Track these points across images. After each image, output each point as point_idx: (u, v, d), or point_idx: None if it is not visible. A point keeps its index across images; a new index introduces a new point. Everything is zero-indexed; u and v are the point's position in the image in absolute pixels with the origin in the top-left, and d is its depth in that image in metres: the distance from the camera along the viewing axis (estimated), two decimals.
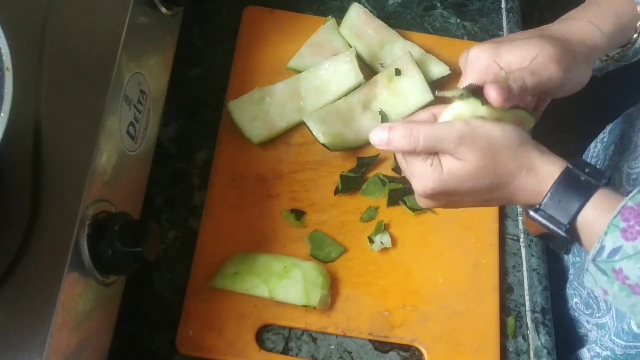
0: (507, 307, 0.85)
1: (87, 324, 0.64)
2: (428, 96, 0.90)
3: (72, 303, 0.59)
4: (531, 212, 0.63)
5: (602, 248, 0.58)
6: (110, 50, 0.64)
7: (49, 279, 0.57)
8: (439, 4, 1.03)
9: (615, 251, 0.58)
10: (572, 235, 0.61)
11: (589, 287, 0.63)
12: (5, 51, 0.52)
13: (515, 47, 0.67)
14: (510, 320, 0.84)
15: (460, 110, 0.65)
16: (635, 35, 0.72)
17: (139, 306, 0.80)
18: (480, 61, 0.68)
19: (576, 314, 0.90)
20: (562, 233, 0.61)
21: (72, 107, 0.62)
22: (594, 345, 0.83)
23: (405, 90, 0.91)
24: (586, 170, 0.62)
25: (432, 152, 0.64)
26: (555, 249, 0.66)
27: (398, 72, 0.90)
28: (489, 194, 0.65)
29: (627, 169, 0.80)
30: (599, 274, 0.59)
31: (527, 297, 0.86)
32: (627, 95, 0.90)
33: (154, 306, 0.81)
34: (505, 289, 0.86)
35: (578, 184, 0.61)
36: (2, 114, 0.51)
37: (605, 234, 0.58)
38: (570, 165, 0.62)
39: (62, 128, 0.61)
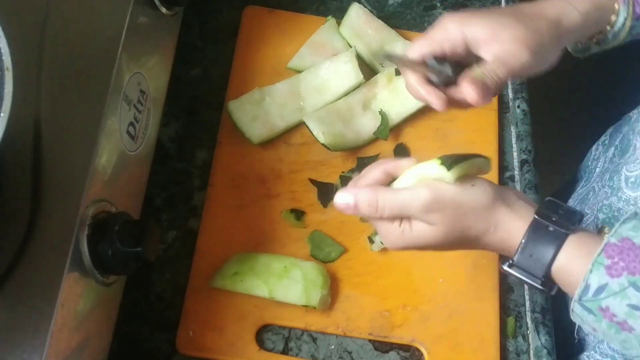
0: (507, 307, 0.85)
1: (87, 324, 0.64)
2: None
3: (72, 303, 0.59)
4: (505, 267, 0.63)
5: (587, 287, 0.58)
6: (110, 50, 0.64)
7: (49, 279, 0.57)
8: (439, 4, 1.03)
9: (601, 289, 0.57)
10: (550, 285, 0.62)
11: (578, 323, 0.63)
12: (5, 51, 0.52)
13: (486, 22, 0.68)
14: (510, 320, 0.84)
15: (422, 173, 0.65)
16: (613, 17, 0.72)
17: (139, 306, 0.80)
18: (447, 28, 0.68)
19: None
20: (538, 286, 0.62)
21: (72, 107, 0.62)
22: (592, 352, 0.82)
23: (405, 90, 0.90)
24: (554, 217, 0.61)
25: (398, 218, 0.65)
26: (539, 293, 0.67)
27: (398, 72, 0.91)
28: (460, 247, 0.66)
29: (626, 171, 0.80)
30: (586, 314, 0.59)
31: (527, 297, 0.85)
32: (629, 98, 0.90)
33: (154, 306, 0.81)
34: (505, 289, 0.86)
35: (547, 235, 0.61)
36: (2, 114, 0.51)
37: (590, 272, 0.58)
38: (537, 217, 0.62)
39: (62, 128, 0.61)
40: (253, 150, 0.89)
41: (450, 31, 0.68)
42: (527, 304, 0.85)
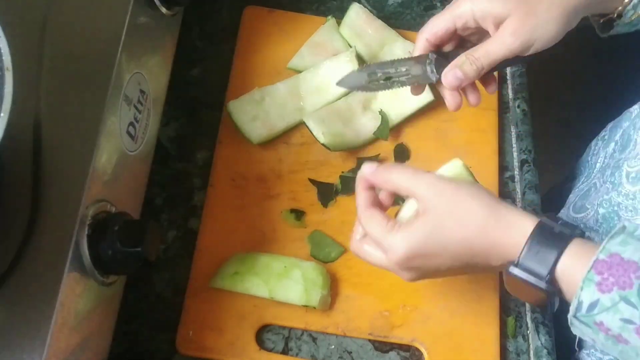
0: (507, 307, 0.85)
1: (87, 324, 0.64)
2: (428, 96, 0.90)
3: (72, 303, 0.59)
4: (510, 268, 0.63)
5: (580, 304, 0.59)
6: (110, 50, 0.64)
7: (49, 279, 0.57)
8: (439, 4, 1.03)
9: (593, 305, 0.58)
10: (553, 287, 0.62)
11: (578, 335, 0.63)
12: (5, 51, 0.52)
13: (493, 1, 0.72)
14: (510, 320, 0.84)
15: (409, 212, 0.69)
16: None
17: (139, 306, 0.80)
18: (458, 4, 0.73)
19: None
20: (543, 285, 0.62)
21: (72, 107, 0.62)
22: (592, 349, 0.83)
23: (405, 90, 0.90)
24: (559, 222, 0.63)
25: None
26: (541, 311, 0.67)
27: None
28: (464, 252, 0.65)
29: (627, 167, 0.80)
30: (583, 327, 0.60)
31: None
32: (629, 93, 0.90)
33: (154, 306, 0.81)
34: (505, 289, 0.86)
35: (553, 235, 0.62)
36: (2, 114, 0.51)
37: (582, 289, 0.58)
38: (543, 219, 0.63)
39: (62, 128, 0.61)
40: (253, 150, 0.89)
41: (462, 8, 0.73)
42: (527, 304, 0.85)
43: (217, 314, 0.79)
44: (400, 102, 0.91)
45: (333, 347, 0.81)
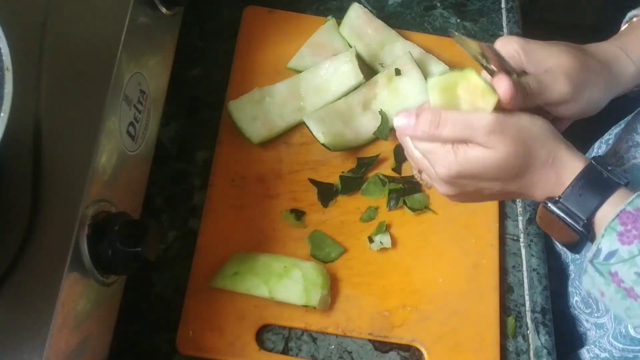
0: (507, 307, 0.85)
1: (87, 324, 0.64)
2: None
3: (72, 303, 0.59)
4: (550, 205, 0.62)
5: (598, 251, 0.59)
6: (110, 50, 0.64)
7: (49, 279, 0.57)
8: (439, 4, 1.03)
9: (611, 254, 0.58)
10: (588, 231, 0.61)
11: (587, 289, 0.63)
12: (5, 51, 0.52)
13: (540, 48, 0.67)
14: (510, 320, 0.84)
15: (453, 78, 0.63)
16: None
17: (139, 306, 0.80)
18: (507, 41, 0.67)
19: (576, 312, 0.90)
20: (579, 228, 0.61)
21: (72, 107, 0.62)
22: (592, 346, 0.83)
23: (405, 90, 0.91)
24: (609, 168, 0.62)
25: (458, 141, 0.63)
26: (567, 248, 0.66)
27: (398, 72, 0.91)
28: (512, 182, 0.64)
29: None
30: (597, 275, 0.60)
31: (527, 297, 0.86)
32: (635, 98, 0.90)
33: (154, 306, 0.81)
34: (505, 289, 0.86)
35: (600, 180, 0.61)
36: (2, 114, 0.51)
37: (603, 236, 0.58)
38: (594, 162, 0.62)
39: (62, 128, 0.61)
40: (253, 150, 0.89)
41: (512, 45, 0.67)
42: (527, 304, 0.85)
43: (217, 314, 0.79)
44: (400, 102, 0.91)
45: (333, 347, 0.81)
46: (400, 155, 0.90)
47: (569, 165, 0.62)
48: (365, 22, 0.96)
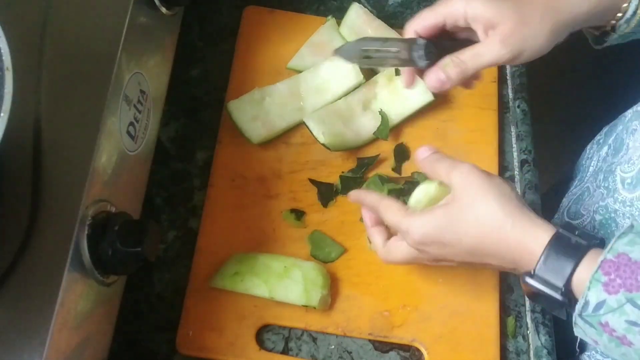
0: (507, 307, 0.85)
1: (87, 324, 0.64)
2: (428, 96, 0.90)
3: (72, 303, 0.59)
4: (527, 278, 0.63)
5: (586, 303, 0.59)
6: (110, 50, 0.64)
7: (49, 279, 0.57)
8: None
9: (599, 305, 0.58)
10: (569, 298, 0.62)
11: (579, 336, 0.63)
12: (5, 51, 0.52)
13: (482, 6, 0.71)
14: (510, 320, 0.84)
15: (419, 195, 0.72)
16: (625, 5, 0.72)
17: (139, 306, 0.80)
18: (452, 3, 0.72)
19: None
20: (558, 297, 0.62)
21: (72, 107, 0.62)
22: (593, 352, 0.83)
23: (405, 90, 0.90)
24: (576, 232, 0.63)
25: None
26: (559, 315, 0.67)
27: (398, 72, 0.91)
28: (477, 249, 0.66)
29: (621, 172, 0.80)
30: (587, 327, 0.60)
31: (527, 297, 0.85)
32: (627, 97, 0.90)
33: (154, 306, 0.81)
34: (505, 289, 0.86)
35: (569, 246, 0.62)
36: (2, 114, 0.51)
37: (589, 289, 0.58)
38: (560, 230, 0.63)
39: (62, 128, 0.61)
40: (253, 150, 0.89)
41: (455, 6, 0.72)
42: (527, 304, 0.85)
43: (217, 314, 0.79)
44: (400, 102, 0.91)
45: (333, 347, 0.81)
46: (400, 155, 0.90)
47: (534, 235, 0.63)
48: (365, 22, 0.96)
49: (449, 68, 0.72)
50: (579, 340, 0.88)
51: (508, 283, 0.86)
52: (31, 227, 0.57)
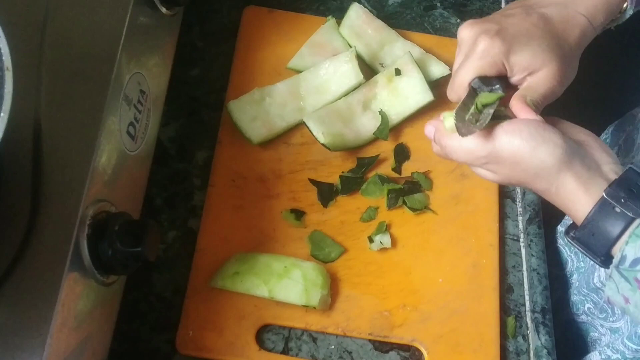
0: (507, 307, 0.85)
1: (87, 324, 0.64)
2: (428, 96, 0.90)
3: (72, 303, 0.59)
4: (568, 238, 0.63)
5: (623, 257, 0.58)
6: (110, 50, 0.64)
7: (49, 279, 0.57)
8: (439, 4, 1.03)
9: (636, 261, 0.57)
10: (610, 261, 0.60)
11: (610, 295, 0.61)
12: (5, 51, 0.52)
13: (525, 54, 0.68)
14: (510, 320, 0.84)
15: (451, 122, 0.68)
16: (625, 5, 0.71)
17: (139, 306, 0.80)
18: (489, 55, 0.68)
19: (589, 318, 0.89)
20: (599, 263, 0.61)
21: (72, 107, 0.62)
22: (605, 348, 0.82)
23: (405, 90, 0.91)
24: (623, 198, 0.60)
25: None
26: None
27: (398, 72, 0.91)
28: (539, 182, 0.65)
29: None
30: (623, 281, 0.59)
31: (527, 297, 0.85)
32: (629, 95, 0.90)
33: (154, 306, 0.81)
34: (505, 289, 0.86)
35: (612, 216, 0.59)
36: (2, 114, 0.51)
37: (627, 243, 0.57)
38: (605, 195, 0.60)
39: (62, 128, 0.61)
40: (253, 150, 0.89)
41: (495, 58, 0.68)
42: (527, 304, 0.85)
43: (217, 314, 0.79)
44: (400, 102, 0.91)
45: (333, 347, 0.81)
46: (400, 155, 0.90)
47: (577, 200, 0.62)
48: (365, 22, 0.96)
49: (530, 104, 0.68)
50: (587, 338, 0.88)
51: (508, 283, 0.86)
52: (31, 227, 0.57)
